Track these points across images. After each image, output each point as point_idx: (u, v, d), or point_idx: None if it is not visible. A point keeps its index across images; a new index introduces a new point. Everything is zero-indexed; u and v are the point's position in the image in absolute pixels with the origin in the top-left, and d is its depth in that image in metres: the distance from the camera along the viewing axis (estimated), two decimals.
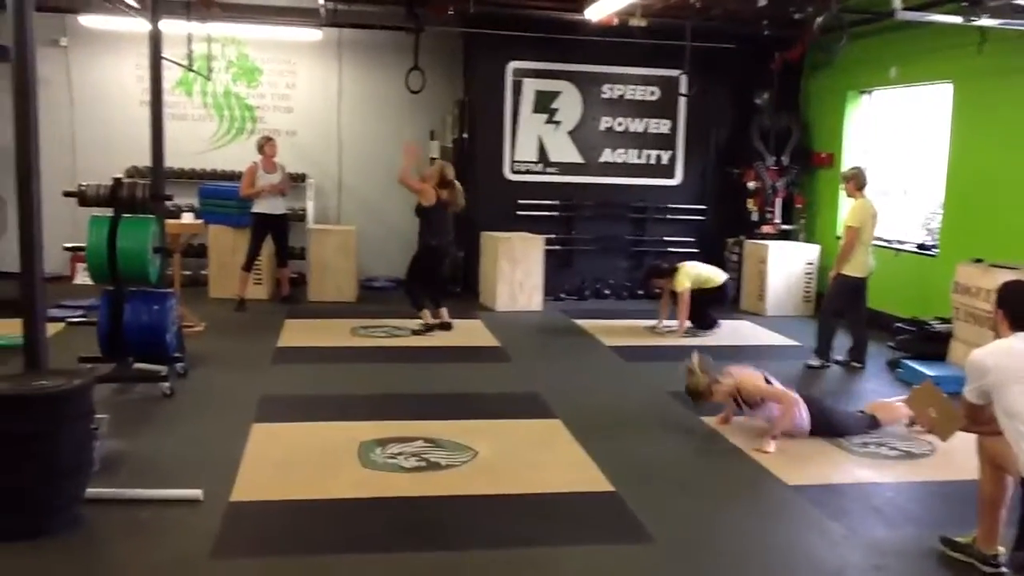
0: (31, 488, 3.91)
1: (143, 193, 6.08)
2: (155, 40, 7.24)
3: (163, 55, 7.36)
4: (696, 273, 8.86)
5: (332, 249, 10.08)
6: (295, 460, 5.06)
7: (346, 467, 4.96)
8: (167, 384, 6.14)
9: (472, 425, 5.77)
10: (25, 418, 3.88)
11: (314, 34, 10.76)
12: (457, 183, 8.66)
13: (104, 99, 10.89)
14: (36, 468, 3.90)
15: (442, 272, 9.11)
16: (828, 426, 5.73)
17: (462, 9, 9.95)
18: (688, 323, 8.87)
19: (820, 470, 5.22)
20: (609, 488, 4.77)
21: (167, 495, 4.37)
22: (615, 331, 9.04)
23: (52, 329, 7.87)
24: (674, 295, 8.88)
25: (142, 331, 6.14)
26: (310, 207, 11.11)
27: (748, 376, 5.79)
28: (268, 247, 9.87)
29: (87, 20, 10.18)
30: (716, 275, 8.97)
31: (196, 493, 4.41)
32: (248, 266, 9.57)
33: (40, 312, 4.38)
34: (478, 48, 10.86)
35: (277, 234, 9.77)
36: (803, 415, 5.64)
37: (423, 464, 5.05)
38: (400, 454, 5.18)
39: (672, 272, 8.88)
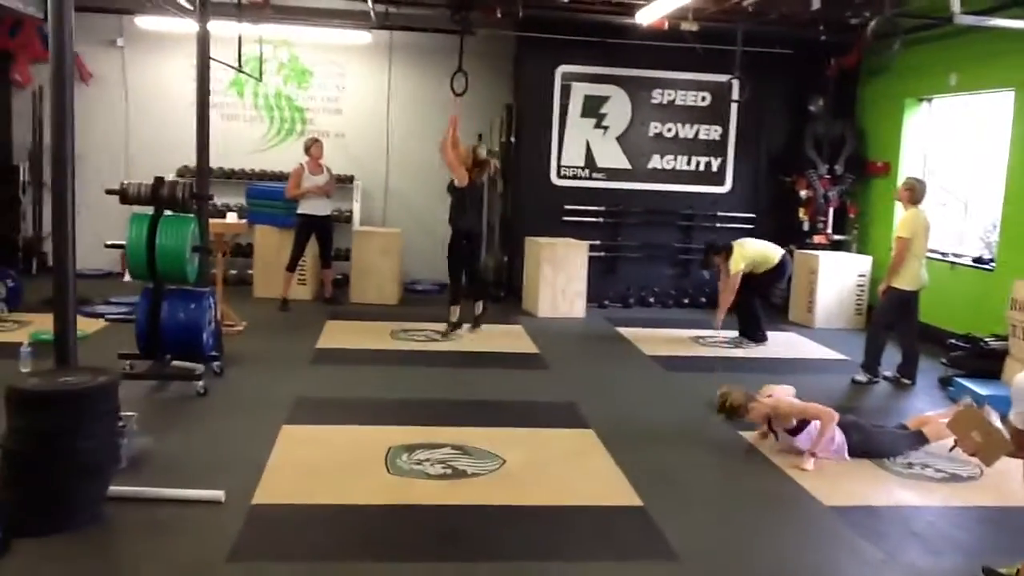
0: (54, 484, 3.93)
1: (184, 192, 6.11)
2: (203, 41, 7.30)
3: (212, 56, 7.42)
4: (752, 253, 8.63)
5: (375, 251, 10.09)
6: (321, 464, 5.03)
7: (372, 472, 4.92)
8: (201, 383, 6.16)
9: (503, 433, 5.69)
10: (49, 415, 3.90)
11: (364, 37, 10.79)
12: (493, 160, 8.63)
13: (158, 99, 11.06)
14: (59, 465, 3.91)
15: (476, 262, 9.02)
16: (870, 450, 5.52)
17: (511, 12, 9.90)
18: (725, 317, 8.69)
19: (859, 490, 5.03)
20: (637, 502, 4.65)
21: (189, 495, 4.36)
22: (658, 340, 8.89)
23: (96, 325, 8.08)
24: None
25: (179, 329, 6.18)
26: (357, 209, 11.15)
27: (786, 400, 5.61)
28: (313, 248, 9.91)
29: (142, 21, 10.35)
30: (773, 252, 8.73)
31: (218, 494, 4.39)
32: (292, 266, 9.62)
33: (71, 310, 4.40)
34: (527, 52, 10.80)
35: (321, 235, 9.81)
36: (838, 440, 5.44)
37: (449, 471, 4.98)
38: (427, 460, 5.12)
39: (727, 251, 8.68)
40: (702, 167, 11.13)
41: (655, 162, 11.02)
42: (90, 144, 10.89)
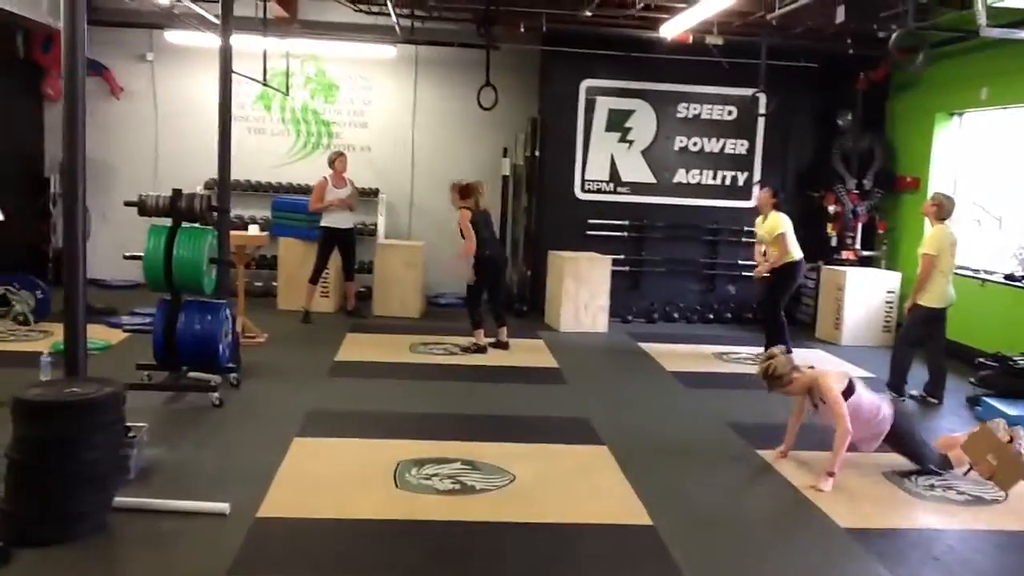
0: (57, 494, 3.94)
1: (202, 204, 6.15)
2: (225, 55, 7.34)
3: (236, 71, 7.48)
4: (788, 227, 8.46)
5: (398, 264, 10.09)
6: (329, 477, 5.00)
7: (380, 487, 4.88)
8: (216, 394, 6.18)
9: (514, 449, 5.63)
10: (52, 425, 3.91)
11: (389, 51, 10.84)
12: (478, 183, 8.61)
13: (186, 112, 11.17)
14: (62, 475, 3.92)
15: (501, 286, 8.97)
16: (902, 443, 5.43)
17: (535, 27, 9.88)
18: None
19: (878, 513, 4.90)
20: (647, 522, 4.57)
21: (194, 507, 4.35)
22: (680, 356, 8.78)
23: (118, 336, 8.15)
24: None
25: (195, 340, 6.20)
26: (381, 222, 11.17)
27: (830, 375, 5.48)
28: (336, 261, 9.94)
29: (172, 36, 10.48)
30: (796, 248, 8.51)
31: (222, 507, 4.38)
32: (315, 279, 9.65)
33: (80, 321, 4.43)
34: (552, 66, 10.78)
35: (344, 248, 9.83)
36: (884, 413, 5.34)
37: (457, 487, 4.93)
38: (436, 475, 5.07)
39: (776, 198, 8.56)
40: (728, 181, 11.02)
41: (680, 176, 10.94)
42: (122, 156, 11.07)
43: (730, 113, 10.92)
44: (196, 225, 6.28)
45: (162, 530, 4.14)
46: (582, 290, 9.76)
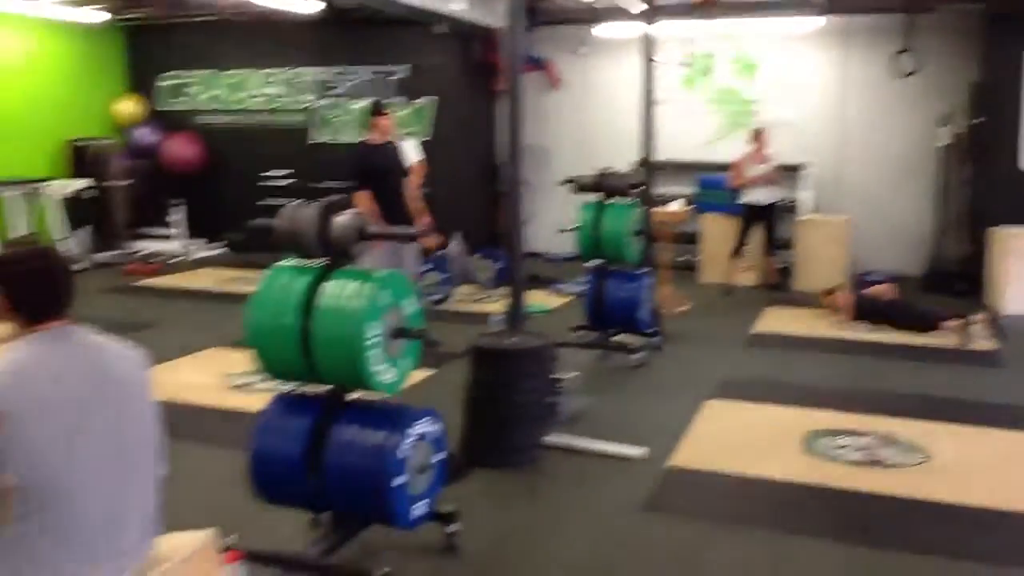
0: (499, 427, 4.67)
1: (623, 182, 6.71)
2: (647, 44, 7.85)
3: (655, 58, 7.95)
4: None
5: (821, 240, 9.91)
6: (738, 437, 5.25)
7: (788, 451, 5.01)
8: (637, 356, 6.70)
9: (934, 428, 5.39)
10: (496, 368, 4.63)
11: (814, 23, 10.61)
12: None
13: (614, 98, 11.87)
14: (502, 411, 4.63)
15: None
16: None
17: None
18: None
19: None
20: None
21: (614, 450, 4.86)
22: None
23: (560, 301, 9.08)
24: None
25: (619, 305, 6.78)
26: (805, 197, 11.00)
27: None
28: (758, 236, 10.03)
29: (600, 30, 11.30)
30: None
31: (640, 451, 4.83)
32: (735, 253, 9.86)
33: (519, 284, 5.07)
34: (992, 28, 9.78)
35: (765, 223, 9.89)
36: None
37: (868, 459, 4.89)
38: (847, 446, 5.07)
39: None
40: None
41: None
42: (557, 141, 12.16)
43: None
44: (622, 200, 6.86)
45: (583, 466, 4.70)
46: None
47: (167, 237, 11.75)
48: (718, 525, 4.11)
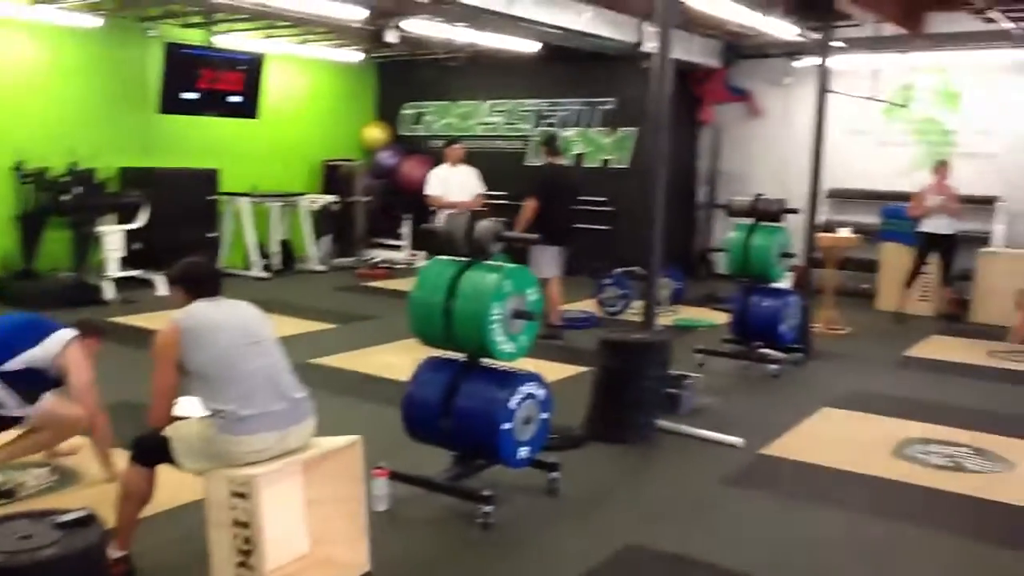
0: (620, 408, 5.68)
1: (772, 207, 7.50)
2: (822, 75, 8.54)
3: (840, 90, 8.65)
4: None
5: (1003, 272, 9.99)
6: (833, 437, 5.94)
7: (875, 452, 5.64)
8: (775, 367, 7.43)
9: None
10: (619, 358, 5.67)
11: (1020, 55, 10.66)
12: None
13: (809, 127, 12.41)
14: (624, 394, 5.65)
15: None
16: None
17: None
18: None
19: None
20: None
21: (715, 437, 5.73)
22: None
23: (727, 317, 9.80)
24: None
25: (762, 320, 7.54)
26: (998, 231, 11.00)
27: None
28: (936, 266, 10.23)
29: (800, 63, 11.87)
30: None
31: (737, 440, 5.68)
32: (909, 282, 10.13)
33: (653, 289, 6.02)
34: None
35: (942, 253, 10.08)
36: None
37: (951, 464, 5.43)
38: (935, 453, 5.63)
39: None
40: None
41: None
42: (752, 167, 12.83)
43: None
44: (773, 224, 7.63)
45: (685, 447, 5.62)
46: None
47: (396, 247, 13.58)
48: (786, 500, 4.88)
